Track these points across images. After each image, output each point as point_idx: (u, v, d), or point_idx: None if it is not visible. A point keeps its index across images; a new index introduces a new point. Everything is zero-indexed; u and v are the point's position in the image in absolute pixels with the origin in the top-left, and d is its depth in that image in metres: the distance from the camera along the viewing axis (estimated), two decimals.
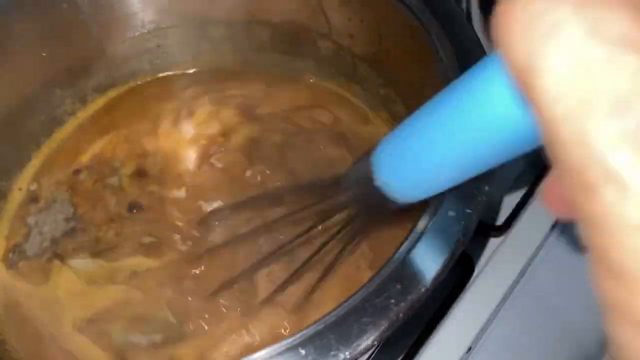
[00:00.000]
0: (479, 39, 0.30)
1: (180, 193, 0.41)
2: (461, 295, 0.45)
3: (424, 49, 0.32)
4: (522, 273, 0.47)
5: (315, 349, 0.22)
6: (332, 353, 0.22)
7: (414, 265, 0.24)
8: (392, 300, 0.23)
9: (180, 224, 0.40)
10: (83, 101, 0.45)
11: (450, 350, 0.43)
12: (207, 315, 0.36)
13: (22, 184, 0.44)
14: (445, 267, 0.24)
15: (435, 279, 0.23)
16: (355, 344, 0.22)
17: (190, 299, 0.37)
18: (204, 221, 0.39)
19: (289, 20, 0.43)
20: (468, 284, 0.45)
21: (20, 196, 0.44)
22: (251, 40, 0.45)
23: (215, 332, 0.36)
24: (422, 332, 0.43)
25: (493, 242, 0.48)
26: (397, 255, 0.25)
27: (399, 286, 0.24)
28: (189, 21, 0.45)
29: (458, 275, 0.45)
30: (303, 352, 0.22)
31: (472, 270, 0.46)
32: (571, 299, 0.48)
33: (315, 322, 0.23)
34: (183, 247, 0.39)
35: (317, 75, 0.46)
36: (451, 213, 0.25)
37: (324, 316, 0.23)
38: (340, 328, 0.23)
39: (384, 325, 0.22)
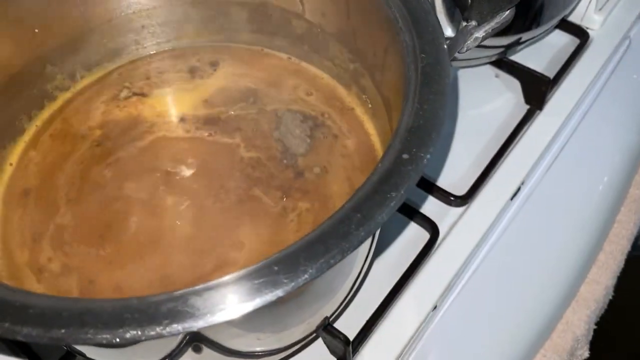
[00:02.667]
0: (431, 8, 0.34)
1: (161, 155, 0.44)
2: (426, 259, 0.48)
3: (387, 21, 0.36)
4: (484, 238, 0.51)
5: (286, 265, 0.26)
6: (301, 268, 0.25)
7: (371, 199, 0.28)
8: (353, 226, 0.26)
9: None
10: (72, 77, 0.48)
11: (417, 308, 0.46)
12: None
13: (12, 159, 0.46)
14: (398, 200, 0.27)
15: (389, 210, 0.27)
16: (321, 261, 0.25)
17: None
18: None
19: (265, 1, 0.46)
20: (433, 249, 0.48)
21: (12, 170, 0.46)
22: (230, 21, 0.48)
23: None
24: (390, 292, 0.46)
25: (457, 210, 0.52)
26: (357, 193, 0.28)
27: (358, 215, 0.27)
28: (171, 3, 0.48)
29: (424, 240, 0.49)
30: (276, 268, 0.25)
31: (437, 236, 0.49)
32: (532, 262, 0.52)
33: (287, 246, 0.26)
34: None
35: (292, 54, 0.49)
36: (405, 156, 0.28)
37: (295, 242, 0.27)
38: (309, 249, 0.26)
39: (345, 245, 0.26)
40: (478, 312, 0.49)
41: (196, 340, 0.33)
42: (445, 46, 0.33)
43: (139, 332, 0.24)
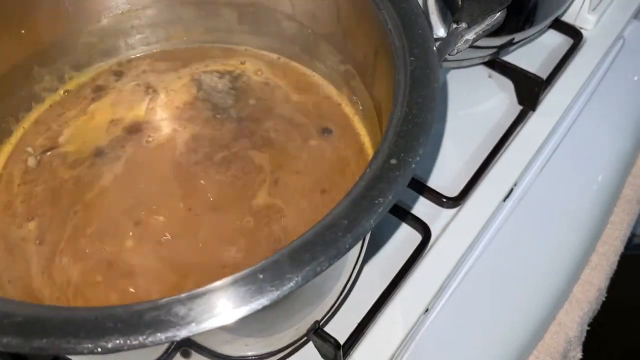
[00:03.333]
0: (422, 11, 0.34)
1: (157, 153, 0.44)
2: (418, 261, 0.48)
3: (376, 23, 0.36)
4: (476, 240, 0.50)
5: (272, 273, 0.25)
6: (287, 276, 0.25)
7: (358, 205, 0.27)
8: (340, 233, 0.26)
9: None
10: (61, 79, 0.47)
11: (409, 311, 0.46)
12: None
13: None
14: (386, 206, 0.27)
15: (377, 216, 0.27)
16: (307, 269, 0.25)
17: None
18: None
19: (254, 2, 0.46)
20: (424, 251, 0.48)
21: None
22: (220, 21, 0.48)
23: None
24: (381, 295, 0.46)
25: (449, 212, 0.51)
26: (344, 199, 0.28)
27: (345, 221, 0.27)
28: (161, 3, 0.47)
29: (416, 243, 0.48)
30: (261, 276, 0.25)
31: (429, 238, 0.49)
32: (524, 264, 0.52)
33: (273, 253, 0.26)
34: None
35: (283, 54, 0.49)
36: (393, 161, 0.28)
37: (281, 249, 0.26)
38: (295, 256, 0.26)
39: (332, 252, 0.25)
40: (470, 314, 0.49)
41: (185, 345, 0.32)
42: (435, 49, 0.32)
43: (121, 342, 0.23)
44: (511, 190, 0.53)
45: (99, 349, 0.23)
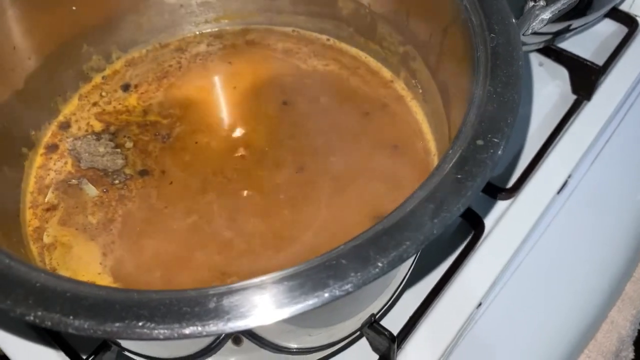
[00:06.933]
0: None
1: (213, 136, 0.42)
2: (471, 254, 0.46)
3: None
4: (530, 234, 0.49)
5: (355, 259, 0.24)
6: (371, 262, 0.23)
7: (445, 189, 0.26)
8: (427, 217, 0.24)
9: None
10: (108, 58, 0.46)
11: (462, 305, 0.44)
12: None
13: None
14: (475, 190, 0.25)
15: (465, 200, 0.25)
16: (393, 254, 0.23)
17: None
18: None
19: None
20: (478, 244, 0.47)
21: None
22: (273, 1, 0.46)
23: None
24: (433, 289, 0.44)
25: (502, 204, 0.50)
26: (428, 181, 0.26)
27: (432, 205, 0.25)
28: None
29: (469, 235, 0.47)
30: (344, 261, 0.24)
31: (483, 231, 0.47)
32: (577, 259, 0.50)
33: (354, 238, 0.24)
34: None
35: (334, 36, 0.47)
36: (479, 142, 0.26)
37: (362, 233, 0.25)
38: (379, 241, 0.24)
39: (420, 237, 0.24)
40: (521, 310, 0.47)
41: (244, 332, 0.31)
42: (516, 25, 0.30)
43: (199, 328, 0.22)
44: (565, 182, 0.51)
45: (176, 335, 0.22)
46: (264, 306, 0.23)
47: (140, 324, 0.22)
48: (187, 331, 0.22)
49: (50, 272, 0.24)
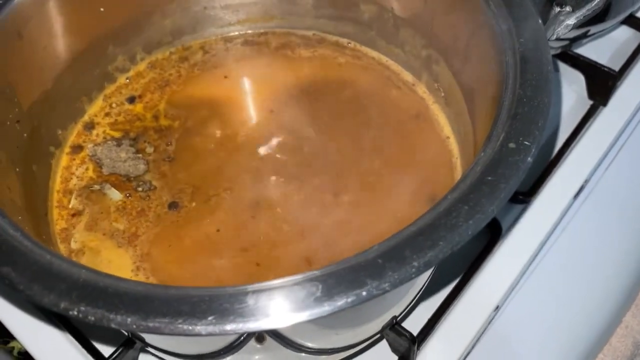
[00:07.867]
0: None
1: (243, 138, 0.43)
2: (489, 258, 0.46)
3: (474, 4, 0.34)
4: (546, 238, 0.49)
5: (391, 258, 0.24)
6: (407, 262, 0.24)
7: (478, 190, 0.26)
8: (461, 219, 0.25)
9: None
10: (132, 59, 0.47)
11: (480, 308, 0.44)
12: None
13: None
14: (508, 192, 0.25)
15: (499, 202, 0.25)
16: (430, 254, 0.24)
17: None
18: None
19: None
20: (495, 247, 0.47)
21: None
22: (295, 5, 0.47)
23: None
24: (452, 291, 0.44)
25: (519, 208, 0.50)
26: (460, 183, 0.27)
27: (465, 207, 0.25)
28: None
29: (486, 239, 0.47)
30: (380, 260, 0.24)
31: (500, 234, 0.47)
32: (592, 263, 0.50)
33: (389, 238, 0.25)
34: None
35: (355, 40, 0.47)
36: (511, 145, 0.27)
37: (398, 233, 0.25)
38: (414, 242, 0.24)
39: (455, 238, 0.24)
40: (536, 313, 0.47)
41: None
42: (544, 30, 0.31)
43: (241, 325, 0.22)
44: (582, 187, 0.52)
45: (218, 331, 0.22)
46: (302, 303, 0.23)
47: (182, 319, 0.22)
48: (229, 327, 0.22)
49: (91, 268, 0.24)
